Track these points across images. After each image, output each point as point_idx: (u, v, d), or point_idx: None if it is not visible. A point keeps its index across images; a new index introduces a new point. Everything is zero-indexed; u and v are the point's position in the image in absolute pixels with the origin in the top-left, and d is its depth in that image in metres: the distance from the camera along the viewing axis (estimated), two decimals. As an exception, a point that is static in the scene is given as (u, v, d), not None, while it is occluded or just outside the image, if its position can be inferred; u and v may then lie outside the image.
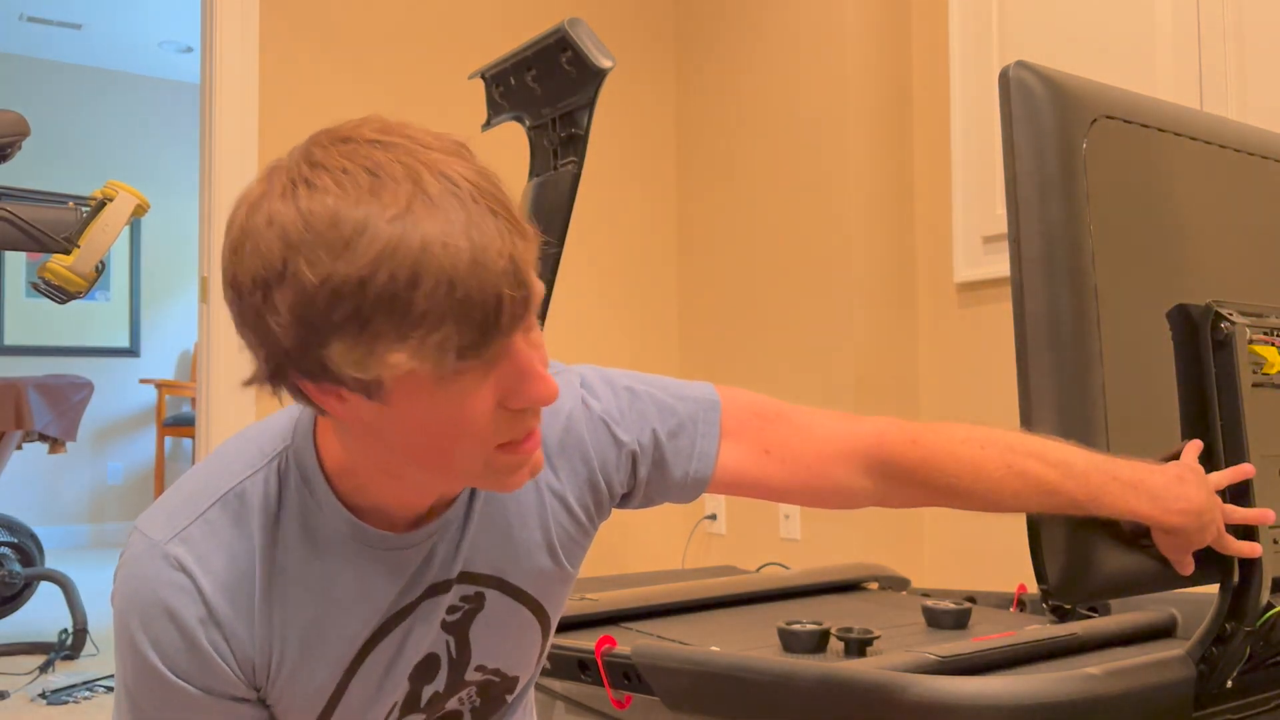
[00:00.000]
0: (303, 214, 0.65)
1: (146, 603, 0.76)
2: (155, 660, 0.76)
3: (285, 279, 0.65)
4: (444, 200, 0.66)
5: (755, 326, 2.90)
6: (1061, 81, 1.00)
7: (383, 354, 0.65)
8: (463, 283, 0.64)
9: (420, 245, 0.64)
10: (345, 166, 0.66)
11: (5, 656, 3.01)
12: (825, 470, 0.96)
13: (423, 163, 0.67)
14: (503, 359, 0.69)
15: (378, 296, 0.64)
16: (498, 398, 0.70)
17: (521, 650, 0.94)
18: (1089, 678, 1.09)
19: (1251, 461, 1.01)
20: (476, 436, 0.70)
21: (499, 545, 0.88)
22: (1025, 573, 2.39)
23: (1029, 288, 0.98)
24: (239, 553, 0.78)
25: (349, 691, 0.84)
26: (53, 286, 2.01)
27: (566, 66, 1.93)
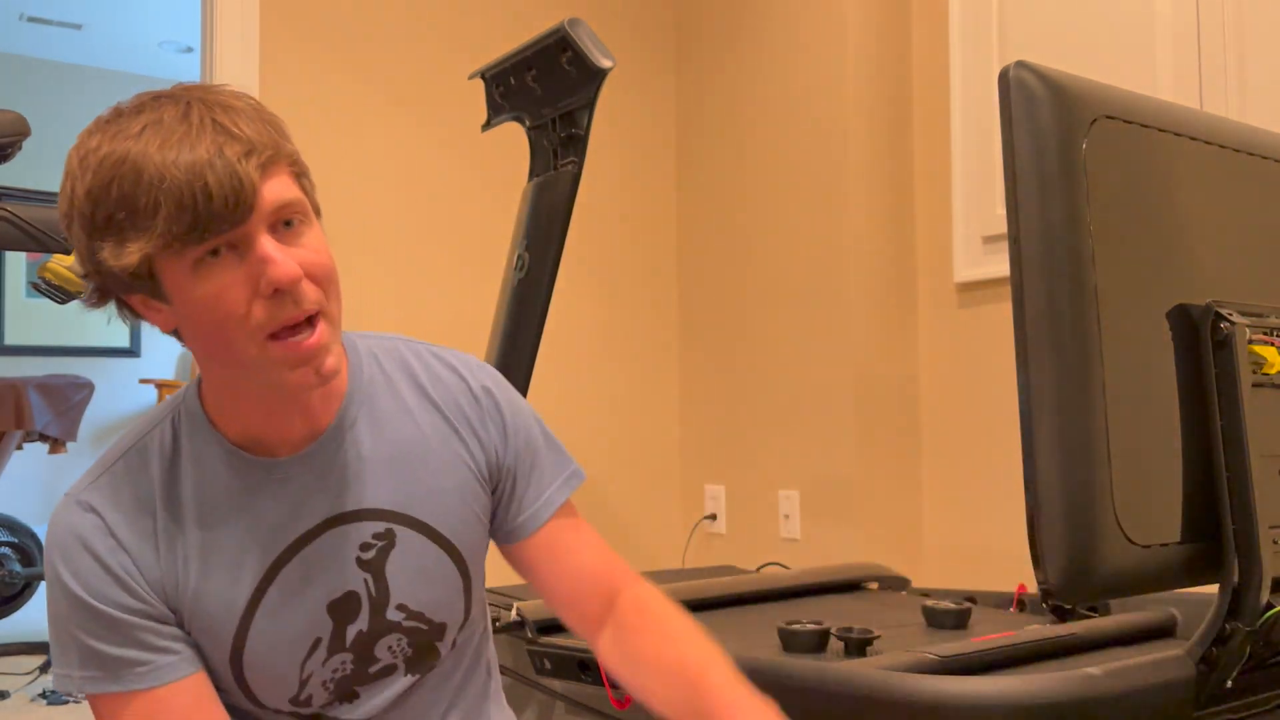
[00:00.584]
0: (79, 149, 0.84)
1: (66, 542, 0.90)
2: (79, 590, 0.88)
3: (72, 198, 0.84)
4: (172, 125, 0.82)
5: (755, 326, 2.90)
6: (1061, 81, 1.00)
7: (129, 244, 0.81)
8: (172, 177, 0.79)
9: (141, 154, 0.80)
10: (128, 106, 0.85)
11: (5, 656, 3.01)
12: (594, 590, 1.08)
13: (176, 99, 0.84)
14: (247, 249, 0.83)
15: (115, 199, 0.80)
16: (249, 286, 0.83)
17: (443, 593, 1.01)
18: (1089, 678, 1.09)
19: (1251, 461, 1.01)
20: (240, 321, 0.83)
21: (405, 484, 0.99)
22: (1025, 573, 2.40)
23: (1029, 288, 0.98)
24: (140, 493, 0.92)
25: (258, 616, 0.93)
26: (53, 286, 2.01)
27: (566, 66, 1.93)
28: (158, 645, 0.90)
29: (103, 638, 0.89)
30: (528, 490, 1.08)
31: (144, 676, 0.90)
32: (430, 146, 2.84)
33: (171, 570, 0.91)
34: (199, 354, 0.89)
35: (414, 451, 1.00)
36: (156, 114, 0.83)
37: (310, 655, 0.95)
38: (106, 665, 0.89)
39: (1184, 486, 1.03)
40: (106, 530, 0.90)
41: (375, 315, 2.74)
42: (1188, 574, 1.02)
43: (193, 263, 0.82)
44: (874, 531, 2.59)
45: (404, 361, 1.05)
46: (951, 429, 2.58)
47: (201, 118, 0.82)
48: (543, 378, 2.98)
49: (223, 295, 0.83)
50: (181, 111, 0.83)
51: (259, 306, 0.83)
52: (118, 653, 0.89)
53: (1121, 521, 0.97)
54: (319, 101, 2.71)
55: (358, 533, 0.96)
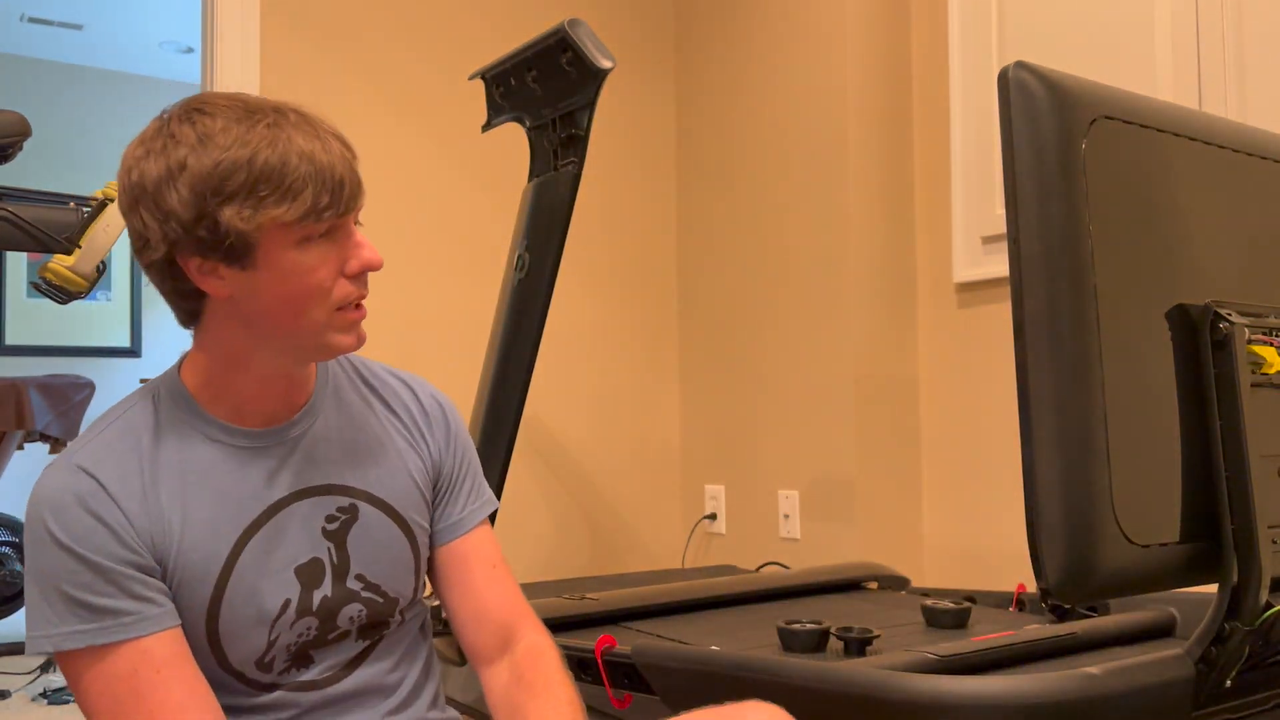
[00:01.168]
0: (199, 127, 0.95)
1: (59, 500, 0.96)
2: (70, 542, 0.95)
3: (186, 167, 0.94)
4: (298, 118, 0.98)
5: (755, 326, 2.90)
6: (1061, 82, 1.00)
7: (265, 210, 0.94)
8: (317, 161, 0.95)
9: (287, 137, 0.95)
10: (224, 104, 0.97)
11: (6, 656, 3.01)
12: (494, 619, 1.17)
13: (280, 103, 1.00)
14: (342, 234, 0.99)
15: (260, 171, 0.93)
16: (337, 266, 0.99)
17: (397, 567, 1.12)
18: (1089, 677, 1.09)
19: (1250, 462, 1.01)
20: (322, 294, 0.98)
21: (367, 465, 1.11)
22: (1025, 572, 2.40)
23: (1029, 288, 0.98)
24: (128, 456, 1.00)
25: (235, 571, 1.01)
26: (54, 286, 2.01)
27: (567, 67, 1.93)
28: (144, 595, 0.97)
29: (91, 588, 0.95)
30: (457, 499, 1.20)
31: (129, 626, 0.95)
32: (430, 147, 2.84)
33: (159, 524, 0.99)
34: (246, 320, 0.99)
35: (373, 439, 1.13)
36: (279, 113, 0.97)
37: (280, 616, 1.03)
38: (92, 617, 0.95)
39: (1183, 486, 1.03)
40: (99, 486, 0.97)
41: (376, 314, 2.74)
42: (1187, 574, 1.03)
43: (300, 239, 0.96)
44: (874, 531, 2.59)
45: (363, 367, 1.19)
46: (951, 429, 2.58)
47: (318, 125, 0.98)
48: (543, 378, 2.98)
49: (317, 269, 0.97)
50: (301, 118, 0.98)
51: (341, 284, 0.99)
52: (104, 603, 0.95)
53: (1121, 521, 0.97)
54: (319, 102, 2.71)
55: (324, 505, 1.07)
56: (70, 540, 0.95)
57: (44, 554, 0.96)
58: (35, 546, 0.97)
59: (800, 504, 2.73)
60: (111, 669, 0.95)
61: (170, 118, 0.97)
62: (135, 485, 0.99)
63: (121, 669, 0.95)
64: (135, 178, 0.96)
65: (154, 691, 0.95)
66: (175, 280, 0.99)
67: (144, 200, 0.95)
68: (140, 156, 0.96)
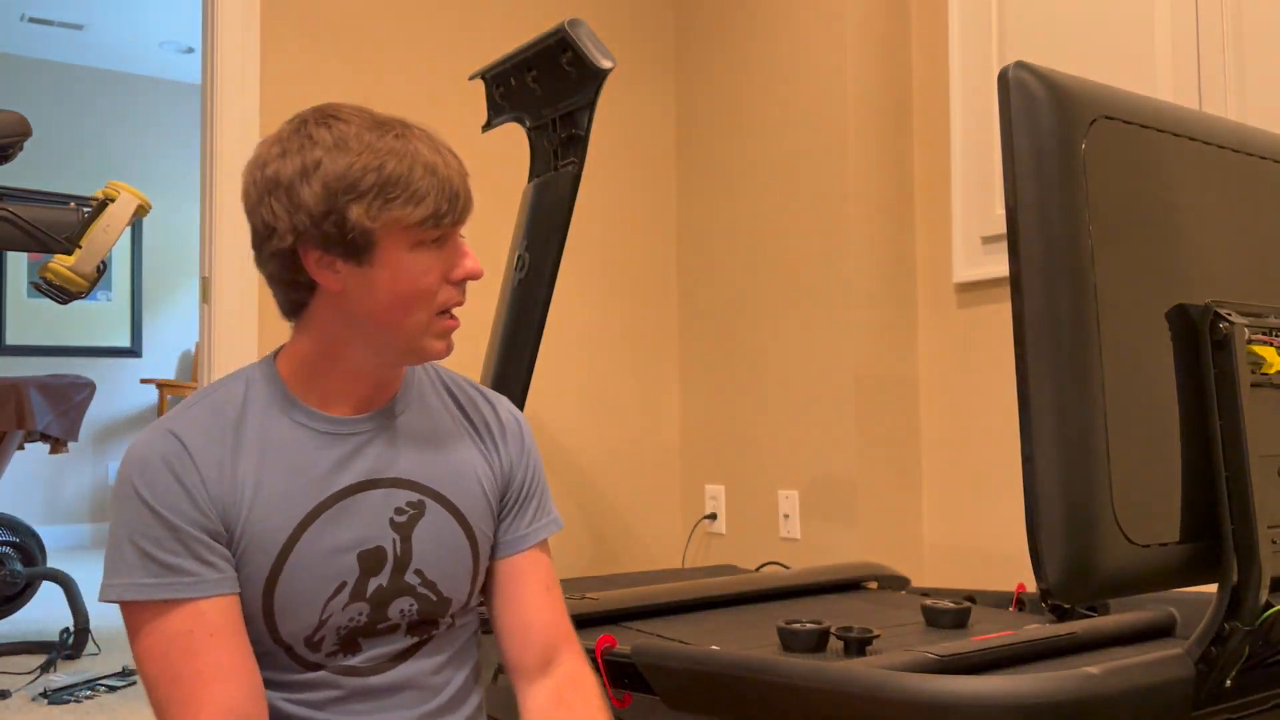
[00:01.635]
0: (334, 131, 1.04)
1: (147, 460, 1.03)
2: (151, 499, 1.02)
3: (321, 166, 1.02)
4: (422, 134, 1.07)
5: (755, 326, 2.90)
6: (1061, 82, 1.00)
7: (390, 210, 1.02)
8: (439, 173, 1.05)
9: (414, 150, 1.04)
10: (355, 114, 1.06)
11: (7, 656, 3.01)
12: (538, 638, 1.20)
13: (404, 119, 1.08)
14: (450, 243, 1.08)
15: (390, 175, 1.02)
16: (444, 272, 1.07)
17: (456, 569, 1.15)
18: (1088, 677, 1.09)
19: (1250, 461, 1.01)
20: (428, 297, 1.06)
21: (440, 467, 1.15)
22: (1024, 572, 2.40)
23: (1028, 288, 0.98)
24: (215, 427, 1.07)
25: (299, 545, 1.06)
26: (54, 287, 2.02)
27: (567, 67, 1.93)
28: (207, 559, 1.02)
29: (161, 544, 1.01)
30: (523, 514, 1.23)
31: (189, 587, 1.01)
32: (431, 146, 2.84)
33: (232, 491, 1.05)
34: (351, 316, 1.06)
35: (449, 443, 1.18)
36: (406, 128, 1.06)
37: (334, 597, 1.07)
38: (158, 573, 1.01)
39: (1183, 486, 1.03)
40: (184, 449, 1.04)
41: (376, 315, 2.74)
42: (1187, 574, 1.02)
43: (415, 242, 1.04)
44: (873, 531, 2.59)
45: (447, 377, 1.24)
46: (951, 429, 2.58)
47: (437, 142, 1.07)
48: (543, 378, 2.98)
49: (427, 272, 1.05)
50: (424, 134, 1.07)
51: (445, 289, 1.08)
52: (171, 560, 1.01)
53: (1120, 521, 0.97)
54: (319, 101, 2.71)
55: (394, 497, 1.11)
56: (150, 496, 1.02)
57: (126, 508, 1.03)
58: (119, 501, 1.04)
59: (800, 504, 2.73)
60: (168, 626, 1.01)
61: (307, 121, 1.05)
62: (216, 453, 1.05)
63: (177, 627, 1.01)
64: (269, 172, 1.04)
65: (205, 653, 1.00)
66: (292, 270, 1.06)
67: (276, 193, 1.03)
68: (276, 154, 1.04)
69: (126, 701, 2.56)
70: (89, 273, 2.01)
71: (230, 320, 2.57)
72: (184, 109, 6.00)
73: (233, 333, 2.57)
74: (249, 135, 2.61)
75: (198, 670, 1.00)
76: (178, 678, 1.00)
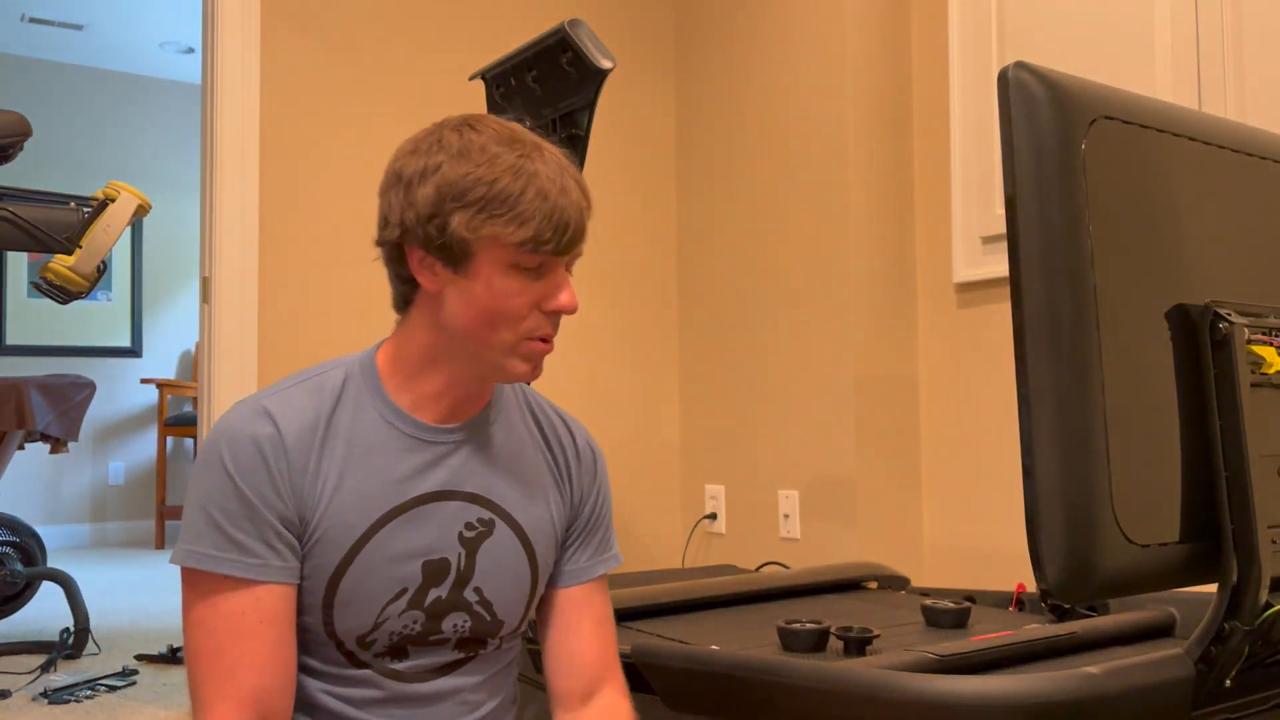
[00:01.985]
0: (464, 138, 1.05)
1: (238, 435, 1.05)
2: (233, 470, 1.03)
3: (440, 170, 1.04)
4: (550, 159, 1.06)
5: (755, 327, 2.90)
6: (1060, 82, 1.00)
7: (490, 225, 1.02)
8: (554, 200, 1.03)
9: (533, 171, 1.04)
10: (494, 127, 1.07)
11: (7, 656, 3.01)
12: (584, 670, 1.20)
13: (540, 141, 1.08)
14: (550, 272, 1.06)
15: (500, 192, 1.02)
16: (536, 299, 1.06)
17: (514, 592, 1.15)
18: (1088, 677, 1.09)
19: (1250, 461, 1.01)
20: (515, 318, 1.05)
21: (515, 488, 1.16)
22: (1024, 572, 2.40)
23: (1028, 288, 0.98)
24: (308, 415, 1.08)
25: (369, 545, 1.07)
26: (54, 286, 2.02)
27: (567, 67, 1.93)
28: (274, 545, 1.04)
29: (233, 519, 1.03)
30: (586, 547, 1.23)
31: (250, 568, 1.03)
32: (431, 146, 2.84)
33: (314, 484, 1.06)
34: (444, 322, 1.08)
35: (526, 466, 1.18)
36: (538, 149, 1.06)
37: (393, 601, 1.08)
38: (225, 546, 1.02)
39: (1183, 486, 1.03)
40: (276, 431, 1.05)
41: (376, 314, 2.74)
42: (1186, 573, 1.02)
43: (512, 263, 1.04)
44: (873, 531, 2.59)
45: (533, 399, 1.25)
46: (951, 429, 2.58)
47: (565, 171, 1.06)
48: (543, 377, 2.99)
49: (517, 296, 1.05)
50: (554, 159, 1.07)
51: (534, 316, 1.07)
52: (240, 538, 1.03)
53: (1120, 521, 0.97)
54: (319, 102, 2.71)
55: (467, 511, 1.12)
56: (234, 469, 1.03)
57: (209, 476, 1.04)
58: (203, 469, 1.05)
59: (800, 504, 2.73)
60: (225, 603, 1.02)
61: (445, 126, 1.08)
62: (306, 441, 1.06)
63: (233, 606, 1.02)
64: (397, 166, 1.07)
65: (252, 638, 1.02)
66: (398, 264, 1.08)
67: (397, 187, 1.06)
68: (409, 151, 1.07)
69: (126, 701, 2.56)
70: (89, 273, 2.01)
71: (230, 320, 2.57)
72: (184, 109, 6.00)
73: (233, 333, 2.57)
74: (249, 135, 2.61)
75: (241, 653, 1.01)
76: (219, 654, 1.01)
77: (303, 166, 2.68)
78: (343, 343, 2.69)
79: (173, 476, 5.86)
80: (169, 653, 2.95)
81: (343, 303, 2.71)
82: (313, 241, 2.68)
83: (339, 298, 2.71)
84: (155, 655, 2.95)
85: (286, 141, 2.66)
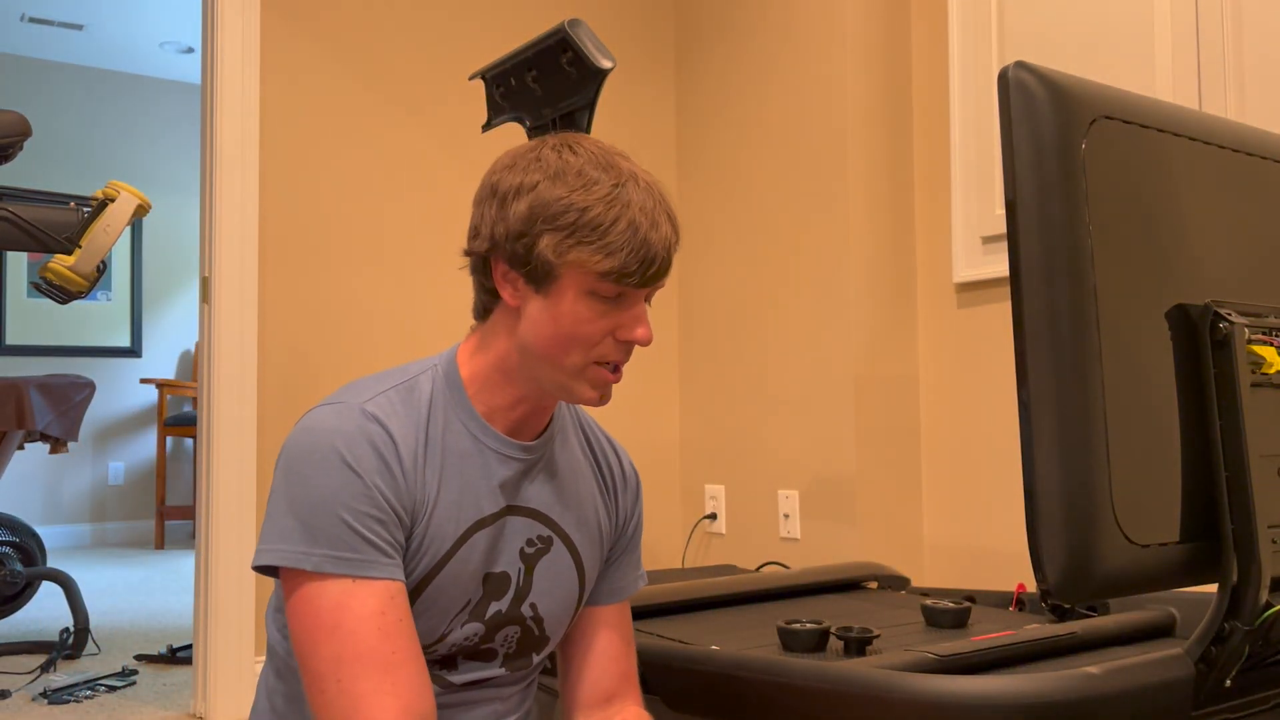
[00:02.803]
0: (562, 159, 1.05)
1: (354, 435, 1.03)
2: (359, 469, 1.02)
3: (535, 189, 1.04)
4: (645, 190, 1.05)
5: (755, 326, 2.90)
6: (1060, 82, 1.00)
7: (576, 250, 1.02)
8: (643, 233, 1.03)
9: (626, 201, 1.03)
10: (592, 150, 1.07)
11: (7, 656, 3.01)
12: (603, 682, 1.21)
13: (635, 169, 1.08)
14: (629, 303, 1.06)
15: (591, 219, 1.02)
16: (612, 327, 1.06)
17: (563, 609, 1.17)
18: (1088, 677, 1.09)
19: (1250, 461, 1.01)
20: (588, 343, 1.05)
21: (571, 507, 1.17)
22: (1024, 572, 2.40)
23: (1028, 288, 0.98)
24: (407, 421, 1.07)
25: (455, 558, 1.08)
26: (54, 286, 2.02)
27: (567, 67, 1.93)
28: (383, 541, 1.02)
29: (364, 521, 1.01)
30: (623, 567, 1.25)
31: (387, 567, 1.01)
32: (430, 147, 2.84)
33: (422, 488, 1.07)
34: (519, 337, 1.08)
35: (580, 485, 1.20)
36: (633, 178, 1.05)
37: (459, 612, 1.09)
38: (360, 547, 1.00)
39: (1183, 486, 1.03)
40: (389, 437, 1.05)
41: (376, 314, 2.74)
42: (1187, 573, 1.02)
43: (592, 289, 1.04)
44: (873, 531, 2.59)
45: (584, 419, 1.26)
46: (951, 429, 2.58)
47: (662, 200, 1.06)
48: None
49: (592, 322, 1.05)
50: (649, 191, 1.06)
51: (608, 343, 1.07)
52: (373, 537, 1.01)
53: (1121, 521, 0.97)
54: (319, 102, 2.71)
55: (531, 528, 1.14)
56: (360, 468, 1.02)
57: (328, 475, 1.01)
58: (317, 467, 1.01)
59: (800, 504, 2.73)
60: (360, 605, 0.99)
61: (545, 144, 1.08)
62: (412, 447, 1.06)
63: (371, 607, 0.99)
64: (494, 179, 1.08)
65: (396, 636, 1.00)
66: (483, 275, 1.10)
67: (491, 200, 1.07)
68: (508, 165, 1.08)
69: (126, 701, 2.56)
70: (89, 272, 2.01)
71: (230, 320, 2.57)
72: (184, 109, 6.00)
73: (233, 333, 2.57)
74: (249, 135, 2.61)
75: (393, 650, 0.99)
76: (370, 655, 0.98)
77: (303, 166, 2.68)
78: (342, 342, 2.69)
79: (172, 476, 5.86)
80: (169, 653, 2.95)
81: (343, 303, 2.71)
82: (313, 241, 2.68)
83: (339, 298, 2.71)
84: (155, 655, 2.95)
85: (286, 141, 2.66)
